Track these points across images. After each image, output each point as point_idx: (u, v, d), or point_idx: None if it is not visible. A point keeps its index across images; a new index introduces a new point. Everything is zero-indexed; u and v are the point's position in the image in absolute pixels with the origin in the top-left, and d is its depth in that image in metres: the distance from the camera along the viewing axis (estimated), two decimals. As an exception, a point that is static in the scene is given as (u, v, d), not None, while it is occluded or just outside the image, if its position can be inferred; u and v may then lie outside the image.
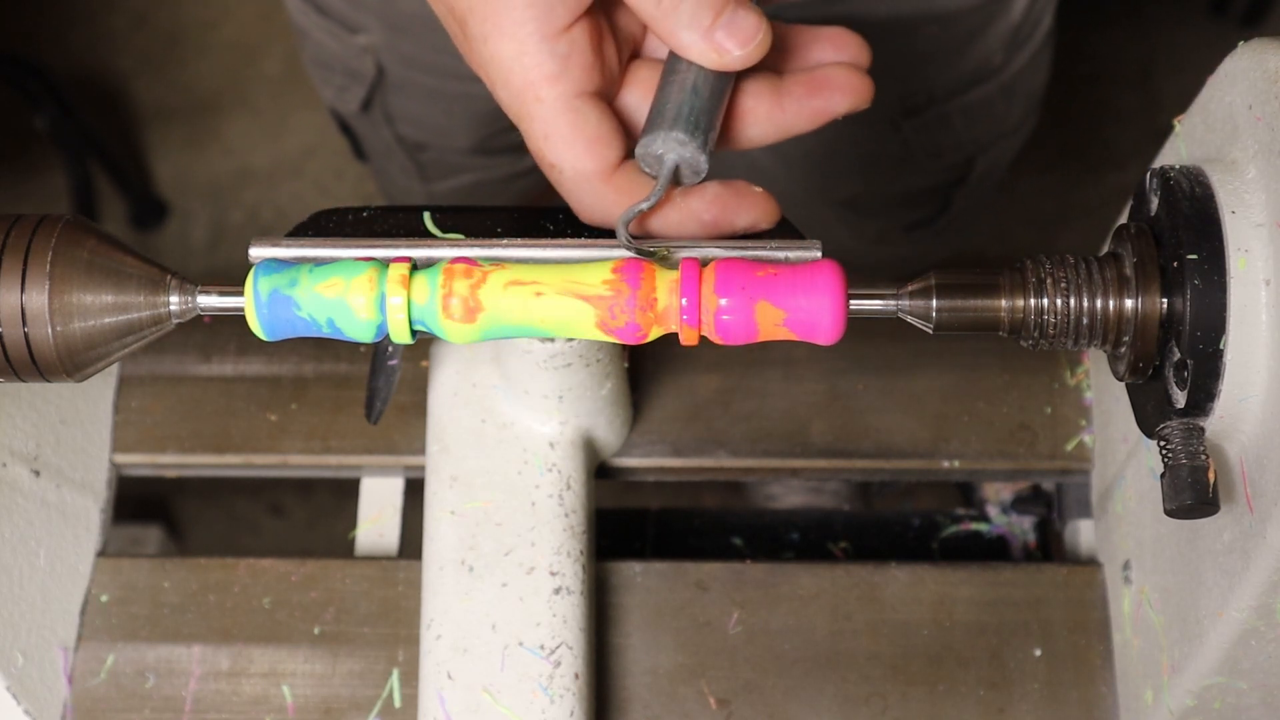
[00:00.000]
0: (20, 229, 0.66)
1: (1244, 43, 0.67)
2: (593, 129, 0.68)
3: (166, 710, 0.90)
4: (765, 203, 0.70)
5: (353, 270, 0.67)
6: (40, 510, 0.90)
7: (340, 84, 1.26)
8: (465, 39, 0.69)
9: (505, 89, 0.68)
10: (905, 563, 0.93)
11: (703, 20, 0.67)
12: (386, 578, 0.94)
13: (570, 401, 0.87)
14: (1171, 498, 0.65)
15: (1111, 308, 0.66)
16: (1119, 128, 2.22)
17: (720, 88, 0.70)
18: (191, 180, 2.26)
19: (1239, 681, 0.74)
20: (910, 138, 1.19)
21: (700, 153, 0.68)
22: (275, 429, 0.99)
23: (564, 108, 0.67)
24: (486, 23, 0.67)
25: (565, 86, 0.67)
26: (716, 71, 0.69)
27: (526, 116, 0.68)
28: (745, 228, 0.70)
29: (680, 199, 0.69)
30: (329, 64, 1.26)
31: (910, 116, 1.17)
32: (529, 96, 0.67)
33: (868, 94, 0.73)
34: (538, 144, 0.68)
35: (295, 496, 1.99)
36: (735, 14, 0.67)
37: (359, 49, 1.21)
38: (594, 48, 0.68)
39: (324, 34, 1.23)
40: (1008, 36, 1.15)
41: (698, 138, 0.68)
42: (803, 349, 0.98)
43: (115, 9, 2.36)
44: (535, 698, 0.83)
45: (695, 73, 0.69)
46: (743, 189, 0.70)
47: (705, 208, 0.69)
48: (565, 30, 0.67)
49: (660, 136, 0.68)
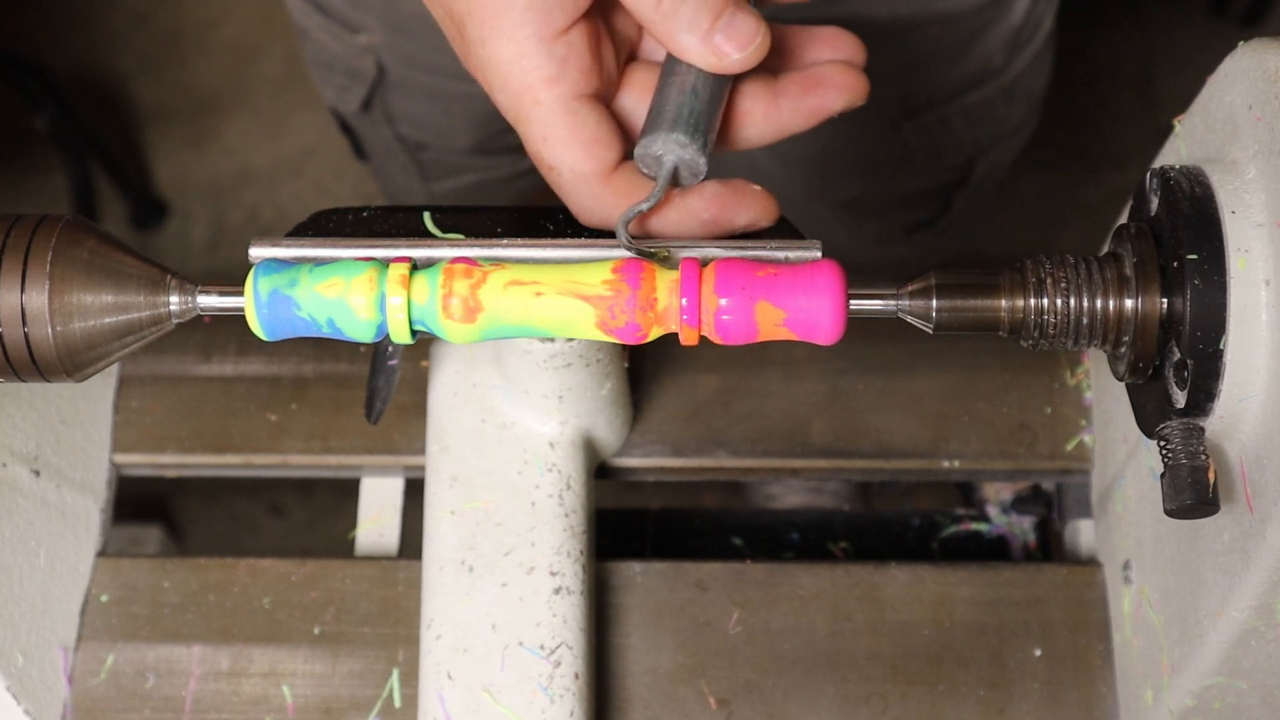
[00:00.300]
0: (20, 229, 0.66)
1: (1244, 43, 0.67)
2: (591, 131, 0.68)
3: (166, 710, 0.90)
4: (764, 200, 0.70)
5: (353, 270, 0.67)
6: (40, 510, 0.90)
7: (341, 84, 1.27)
8: (463, 42, 0.69)
9: (503, 92, 0.68)
10: (905, 563, 0.93)
11: (702, 23, 0.67)
12: (386, 578, 0.94)
13: (570, 401, 0.87)
14: (1171, 498, 0.65)
15: (1111, 308, 0.66)
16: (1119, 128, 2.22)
17: (719, 90, 0.70)
18: (191, 180, 2.26)
19: (1239, 681, 0.74)
20: (910, 139, 1.19)
21: (699, 154, 0.68)
22: (275, 429, 0.99)
23: (562, 110, 0.67)
24: (485, 25, 0.67)
25: (563, 89, 0.67)
26: (715, 74, 0.69)
27: (525, 119, 0.68)
28: (745, 225, 0.70)
29: (679, 199, 0.69)
30: (330, 64, 1.26)
31: (910, 118, 1.17)
32: (527, 99, 0.68)
33: (863, 91, 0.73)
34: (536, 146, 0.69)
35: (295, 496, 1.99)
36: (734, 17, 0.67)
37: (360, 49, 1.21)
38: (592, 50, 0.68)
39: (325, 34, 1.23)
40: (1008, 38, 1.15)
41: (697, 139, 0.68)
42: (803, 349, 0.98)
43: (115, 9, 2.36)
44: (535, 698, 0.83)
45: (694, 75, 0.69)
46: (741, 187, 0.70)
47: (704, 206, 0.69)
48: (563, 33, 0.67)
49: (660, 138, 0.68)
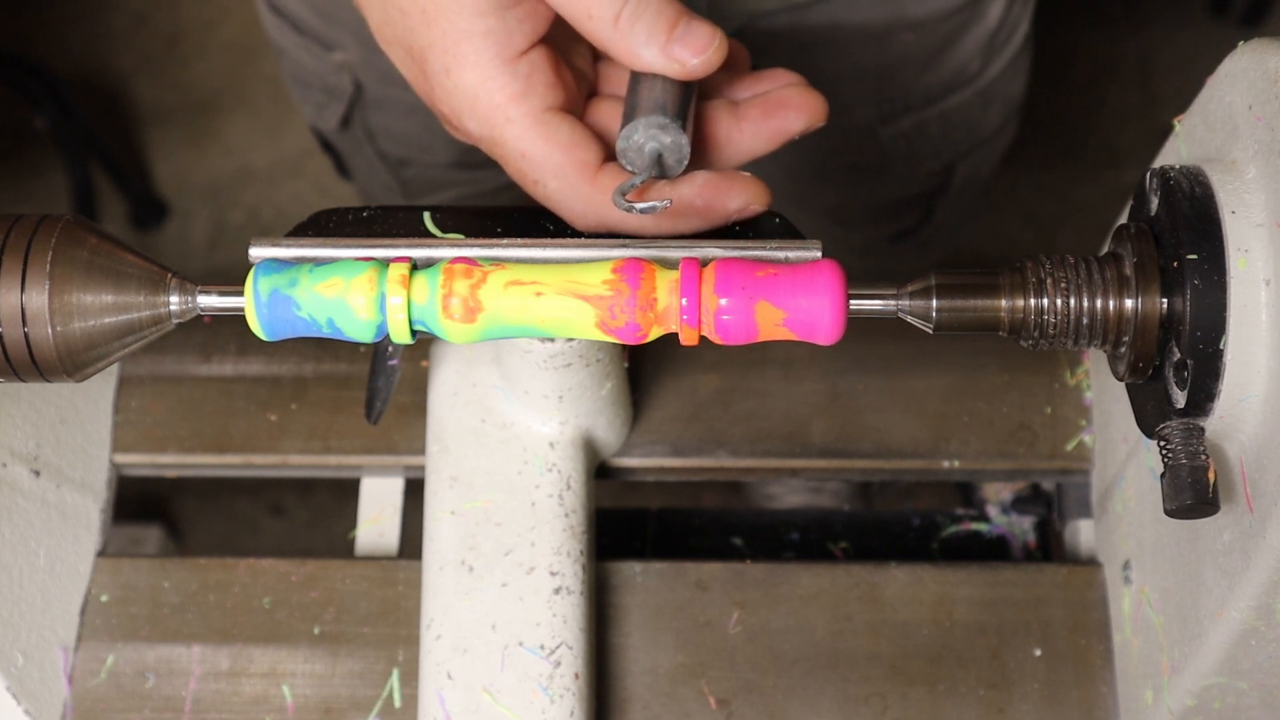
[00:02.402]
0: (20, 229, 0.66)
1: (1244, 43, 0.67)
2: (566, 136, 0.70)
3: (166, 710, 0.90)
4: (754, 185, 0.72)
5: (353, 270, 0.67)
6: (40, 510, 0.90)
7: (319, 101, 1.26)
8: (426, 78, 0.71)
9: (473, 117, 0.70)
10: (905, 563, 0.93)
11: (659, 36, 0.69)
12: (386, 578, 0.94)
13: (570, 401, 0.87)
14: (1171, 498, 0.65)
15: (1111, 308, 0.66)
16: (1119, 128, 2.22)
17: (687, 88, 0.71)
18: (191, 180, 2.26)
19: (1239, 681, 0.74)
20: (888, 145, 1.19)
21: (680, 134, 0.69)
22: (275, 429, 0.99)
23: (534, 122, 0.69)
24: (447, 55, 0.69)
25: (532, 103, 0.69)
26: (679, 81, 0.71)
27: (499, 140, 0.70)
28: (737, 210, 0.71)
29: (670, 189, 0.70)
30: (307, 81, 1.26)
31: (887, 123, 1.17)
32: (498, 119, 0.69)
33: (823, 112, 0.75)
34: (516, 164, 0.70)
35: (295, 496, 1.99)
36: (689, 26, 0.69)
37: (336, 66, 1.21)
38: (554, 69, 0.71)
39: (301, 51, 1.23)
40: (984, 42, 1.15)
41: (676, 121, 0.69)
42: (803, 349, 0.98)
43: (115, 9, 2.36)
44: (535, 698, 0.83)
45: (660, 80, 0.71)
46: (730, 173, 0.71)
47: (696, 194, 0.70)
48: (524, 53, 0.69)
49: (639, 125, 0.69)
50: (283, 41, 1.24)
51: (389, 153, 1.29)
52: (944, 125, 1.18)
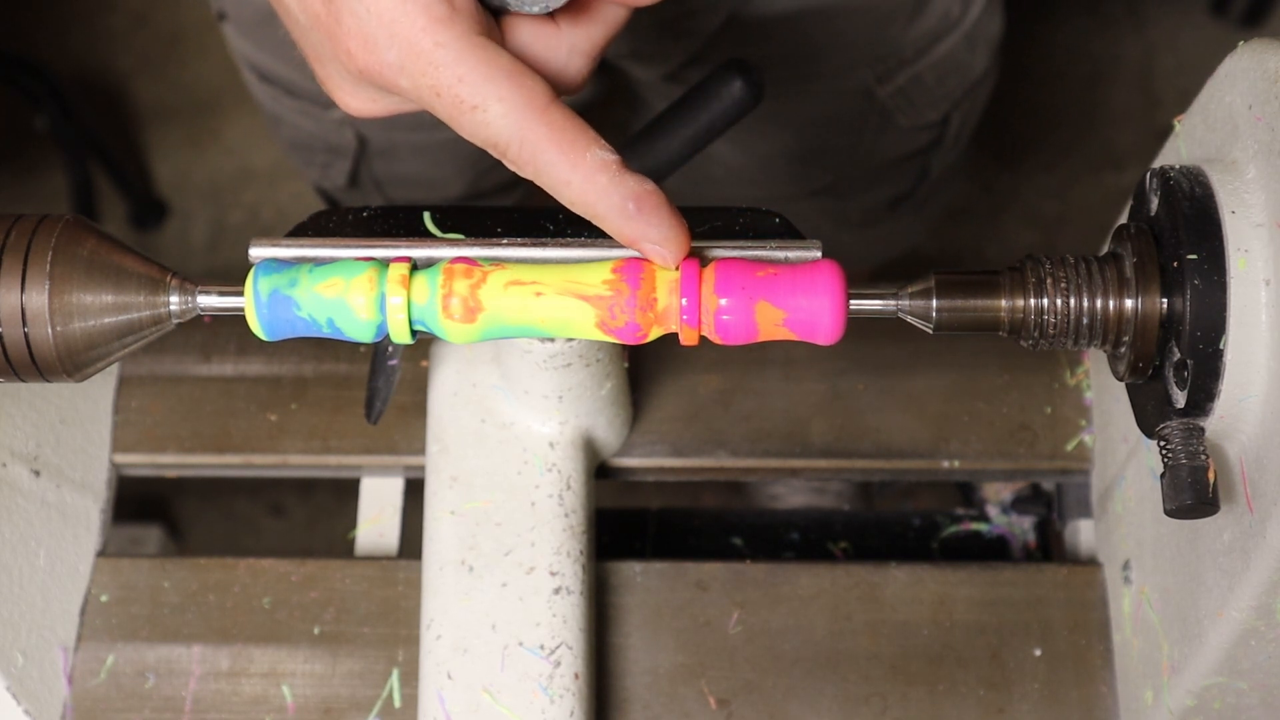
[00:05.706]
0: (20, 229, 0.66)
1: (1244, 43, 0.67)
2: (507, 62, 0.63)
3: (166, 710, 0.90)
4: (676, 232, 0.65)
5: (353, 270, 0.67)
6: (40, 510, 0.90)
7: (324, 161, 1.25)
8: (330, 8, 0.64)
9: (392, 45, 0.63)
10: (905, 563, 0.93)
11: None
12: (386, 578, 0.94)
13: (570, 401, 0.87)
14: (1171, 498, 0.65)
15: (1111, 308, 0.66)
16: (1119, 128, 2.22)
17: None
18: (191, 180, 2.26)
19: (1239, 681, 0.74)
20: (887, 104, 1.20)
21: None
22: (275, 429, 0.99)
23: (469, 45, 0.63)
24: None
25: (462, 26, 0.63)
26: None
27: (428, 69, 0.63)
28: (650, 244, 0.66)
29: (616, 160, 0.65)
30: (309, 144, 1.24)
31: (884, 83, 1.18)
32: (426, 43, 0.63)
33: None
34: (452, 90, 0.63)
35: (295, 496, 1.99)
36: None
37: (336, 123, 1.20)
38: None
39: (298, 115, 1.21)
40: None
41: None
42: (803, 349, 0.98)
43: (115, 9, 2.36)
44: (535, 698, 0.83)
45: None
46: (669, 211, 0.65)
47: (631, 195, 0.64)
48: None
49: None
50: (277, 109, 1.23)
51: (398, 199, 1.29)
52: (937, 74, 1.19)
